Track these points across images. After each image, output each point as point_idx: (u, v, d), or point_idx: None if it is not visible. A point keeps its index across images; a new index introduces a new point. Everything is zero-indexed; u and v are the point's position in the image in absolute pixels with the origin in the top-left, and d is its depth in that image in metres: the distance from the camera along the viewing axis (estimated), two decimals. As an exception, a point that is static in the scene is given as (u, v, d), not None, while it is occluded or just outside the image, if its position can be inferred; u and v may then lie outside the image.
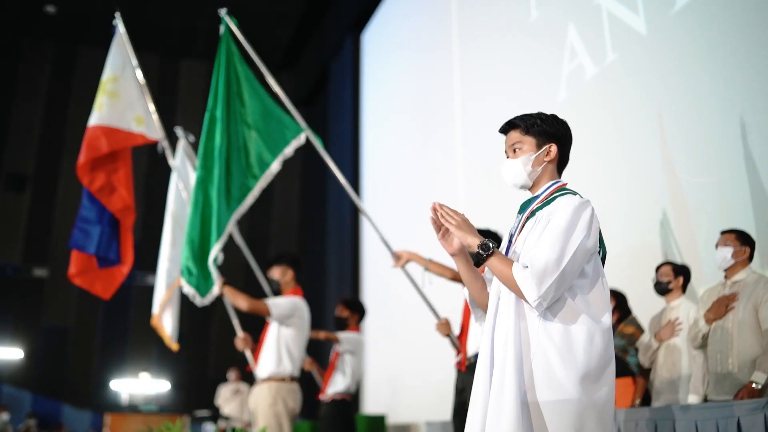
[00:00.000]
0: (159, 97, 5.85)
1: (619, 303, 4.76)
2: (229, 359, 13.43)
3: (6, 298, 14.30)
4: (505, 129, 2.33)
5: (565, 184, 2.26)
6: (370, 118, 12.28)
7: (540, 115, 2.29)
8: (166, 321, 5.90)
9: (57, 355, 14.32)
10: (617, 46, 5.90)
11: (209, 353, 14.62)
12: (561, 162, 2.30)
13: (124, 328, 14.87)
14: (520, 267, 2.02)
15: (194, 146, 6.27)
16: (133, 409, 14.31)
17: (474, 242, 2.10)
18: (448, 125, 8.96)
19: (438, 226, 2.21)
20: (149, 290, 16.19)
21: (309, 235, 15.21)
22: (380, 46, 12.09)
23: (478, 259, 2.10)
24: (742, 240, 3.60)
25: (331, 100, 14.11)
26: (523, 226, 2.21)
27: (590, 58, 6.23)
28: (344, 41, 13.17)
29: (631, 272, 5.24)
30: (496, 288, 2.19)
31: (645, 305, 4.71)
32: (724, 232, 3.69)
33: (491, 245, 2.08)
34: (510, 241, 2.25)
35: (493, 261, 2.08)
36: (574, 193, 2.18)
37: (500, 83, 7.79)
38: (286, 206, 15.94)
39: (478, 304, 2.33)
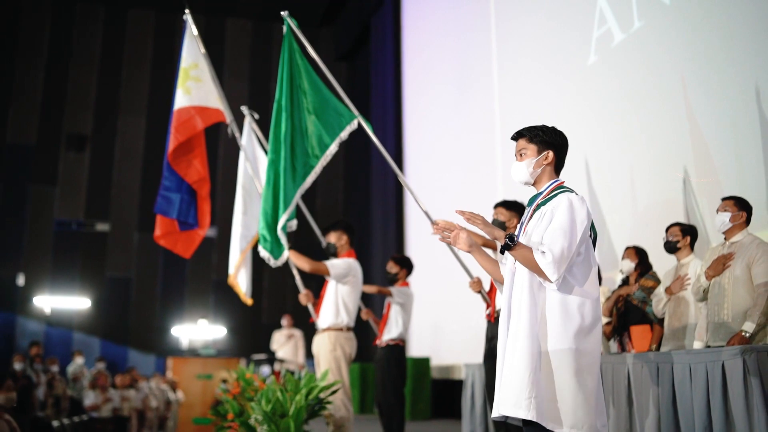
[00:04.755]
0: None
1: (641, 259, 5.11)
2: (280, 307, 14.17)
3: (73, 252, 14.95)
4: (516, 137, 2.85)
5: (563, 182, 2.78)
6: (410, 74, 12.52)
7: (542, 127, 2.81)
8: (241, 280, 6.58)
9: (121, 304, 14.99)
10: (643, 14, 6.20)
11: (262, 301, 15.30)
12: (558, 164, 2.82)
13: (182, 278, 15.48)
14: (540, 253, 2.54)
15: (258, 123, 6.91)
16: (193, 352, 15.19)
17: (500, 235, 2.63)
18: (486, 85, 9.26)
19: (445, 238, 2.82)
20: (204, 242, 16.93)
21: (354, 196, 15.50)
22: (420, 4, 12.32)
23: (506, 248, 2.58)
24: (740, 206, 3.97)
25: (373, 56, 14.26)
26: (531, 217, 2.74)
27: (618, 24, 6.53)
28: (385, -3, 13.33)
29: (654, 228, 5.53)
30: (510, 265, 2.73)
31: (667, 259, 4.99)
32: (724, 199, 4.05)
33: (515, 237, 2.58)
34: (521, 229, 2.77)
35: (518, 249, 2.58)
36: (571, 191, 2.69)
37: (535, 46, 8.08)
38: (331, 172, 16.25)
39: (498, 280, 2.91)
